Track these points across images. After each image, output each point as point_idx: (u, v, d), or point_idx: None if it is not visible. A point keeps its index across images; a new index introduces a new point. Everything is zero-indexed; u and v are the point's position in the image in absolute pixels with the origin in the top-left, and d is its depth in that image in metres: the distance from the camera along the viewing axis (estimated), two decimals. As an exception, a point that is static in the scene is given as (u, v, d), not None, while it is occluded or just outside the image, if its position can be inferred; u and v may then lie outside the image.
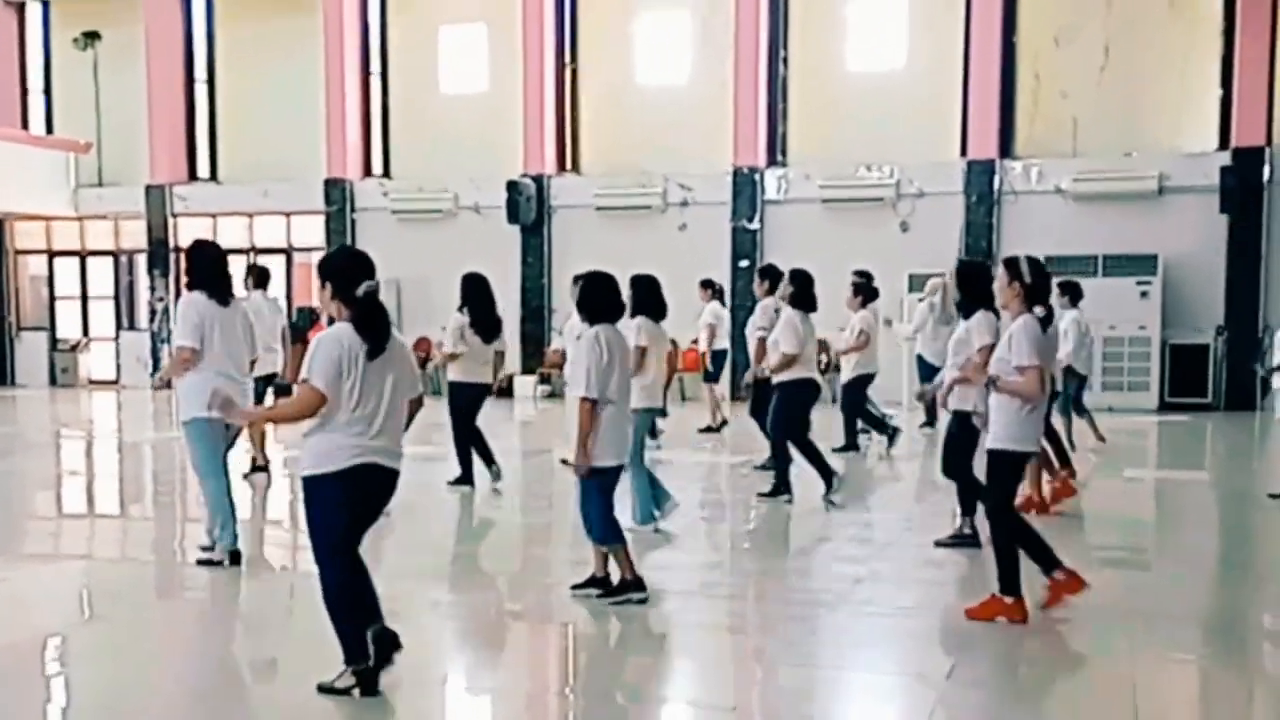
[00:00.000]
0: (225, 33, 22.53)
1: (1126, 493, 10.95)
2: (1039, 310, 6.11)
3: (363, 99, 21.43)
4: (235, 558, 7.45)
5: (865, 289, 12.44)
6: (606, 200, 19.63)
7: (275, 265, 21.18)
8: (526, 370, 19.70)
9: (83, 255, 23.49)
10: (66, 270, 23.64)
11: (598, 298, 6.56)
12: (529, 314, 19.92)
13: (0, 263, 23.64)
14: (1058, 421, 12.59)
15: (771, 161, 19.24)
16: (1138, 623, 6.32)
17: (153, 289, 22.37)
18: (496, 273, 18.83)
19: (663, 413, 10.10)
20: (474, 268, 10.65)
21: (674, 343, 12.19)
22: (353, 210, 21.19)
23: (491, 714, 5.26)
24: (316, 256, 14.65)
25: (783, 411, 9.65)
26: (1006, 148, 18.19)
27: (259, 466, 11.05)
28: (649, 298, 8.37)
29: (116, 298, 23.33)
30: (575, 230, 19.77)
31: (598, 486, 6.42)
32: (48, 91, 23.95)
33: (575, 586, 6.65)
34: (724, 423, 14.65)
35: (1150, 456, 13.99)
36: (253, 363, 7.60)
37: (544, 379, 19.59)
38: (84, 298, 23.51)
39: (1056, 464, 9.79)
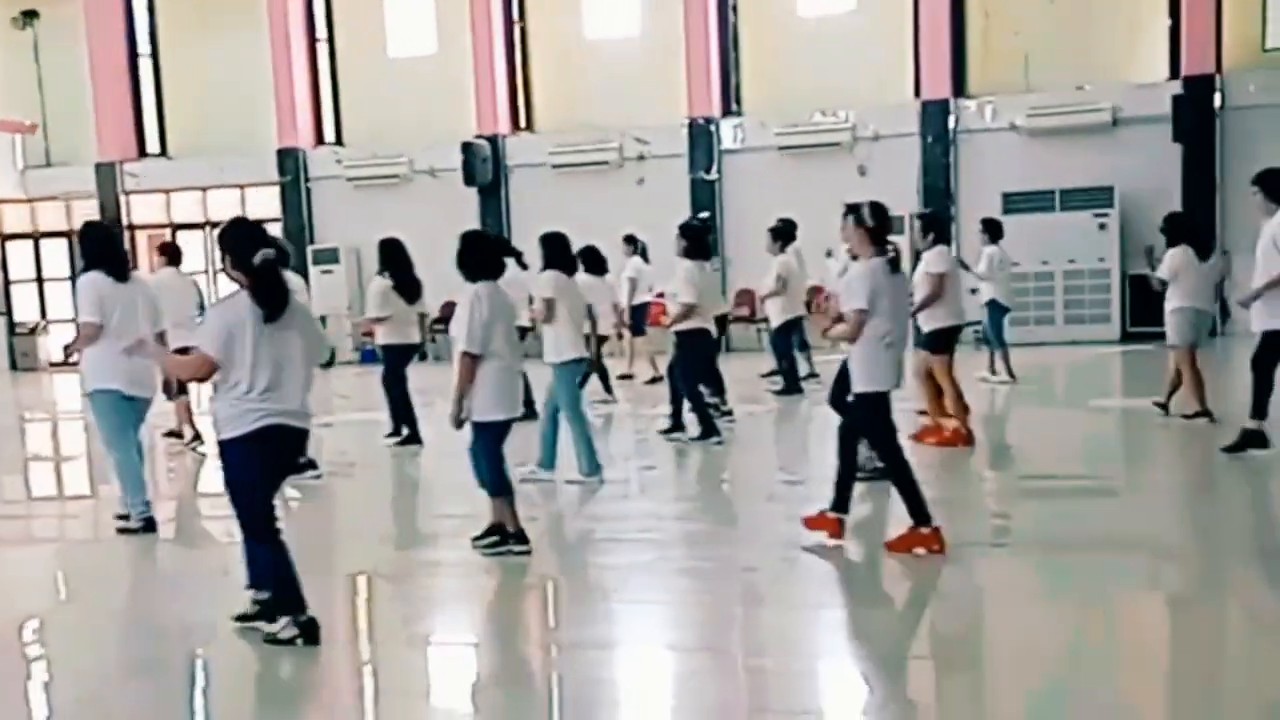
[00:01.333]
0: (166, 4, 22.17)
1: (1091, 420, 11.12)
2: (889, 251, 6.20)
3: (310, 66, 21.18)
4: (150, 525, 7.57)
5: (783, 233, 12.65)
6: (563, 158, 19.53)
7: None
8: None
9: (35, 237, 23.18)
10: (20, 253, 23.32)
11: (475, 256, 6.70)
12: (491, 276, 19.77)
13: (-49, 250, 23.29)
14: (983, 355, 12.80)
15: (726, 111, 19.19)
16: (1102, 550, 6.44)
17: (108, 269, 22.03)
18: (455, 236, 18.94)
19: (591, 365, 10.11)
20: (432, 231, 10.78)
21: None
22: (307, 180, 20.99)
23: (475, 667, 5.29)
24: (273, 228, 14.48)
25: (683, 360, 10.06)
26: (960, 87, 18.21)
27: (193, 438, 11.01)
28: (558, 253, 8.61)
29: (73, 279, 23.04)
30: (533, 189, 19.66)
31: (487, 439, 6.57)
32: (-12, 73, 23.54)
33: (476, 539, 6.71)
34: (655, 379, 13.89)
35: (1115, 386, 14.16)
36: (161, 335, 7.57)
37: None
38: (39, 280, 23.22)
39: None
